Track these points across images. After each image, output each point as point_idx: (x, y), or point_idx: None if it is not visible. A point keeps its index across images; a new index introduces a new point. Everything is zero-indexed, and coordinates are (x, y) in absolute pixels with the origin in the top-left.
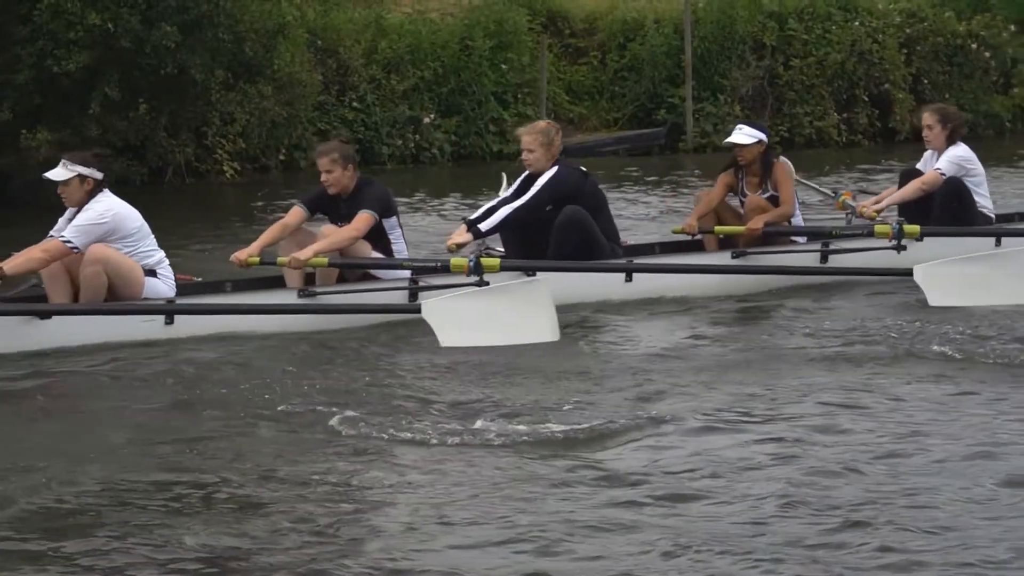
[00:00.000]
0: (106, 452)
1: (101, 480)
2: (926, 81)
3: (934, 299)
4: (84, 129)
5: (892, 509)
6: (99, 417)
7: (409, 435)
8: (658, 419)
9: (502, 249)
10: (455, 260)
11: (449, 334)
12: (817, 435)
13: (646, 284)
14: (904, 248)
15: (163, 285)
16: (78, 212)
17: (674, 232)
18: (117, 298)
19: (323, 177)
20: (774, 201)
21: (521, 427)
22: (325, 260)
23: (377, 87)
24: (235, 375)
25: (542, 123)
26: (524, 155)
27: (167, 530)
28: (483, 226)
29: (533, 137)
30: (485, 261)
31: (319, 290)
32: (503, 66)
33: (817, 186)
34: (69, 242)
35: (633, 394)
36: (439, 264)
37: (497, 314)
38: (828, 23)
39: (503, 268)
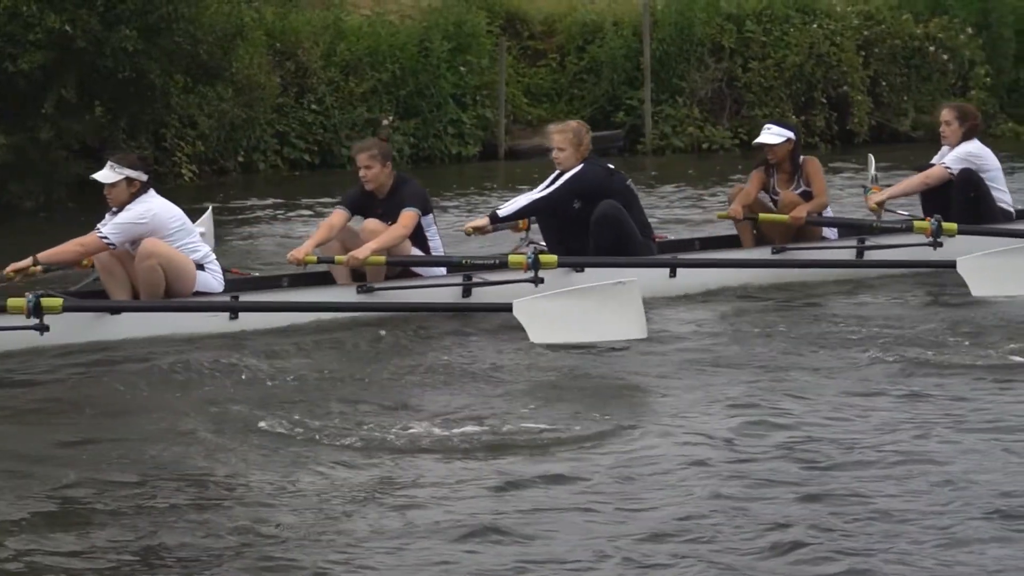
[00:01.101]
0: (165, 442)
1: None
2: (884, 83)
3: (977, 290)
4: (38, 130)
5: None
6: (162, 408)
7: (414, 440)
8: (627, 420)
9: (544, 244)
10: (513, 257)
11: (539, 332)
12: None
13: (688, 280)
14: (940, 245)
15: (212, 279)
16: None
17: (719, 217)
18: (170, 292)
19: (361, 173)
20: (806, 197)
21: (484, 428)
22: (383, 258)
23: (336, 89)
24: (296, 368)
25: (573, 123)
26: (554, 153)
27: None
28: (501, 212)
29: (564, 136)
30: (543, 258)
31: (377, 286)
32: (462, 68)
33: None
34: (105, 237)
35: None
36: (497, 261)
37: (587, 313)
38: (786, 25)
39: (560, 265)
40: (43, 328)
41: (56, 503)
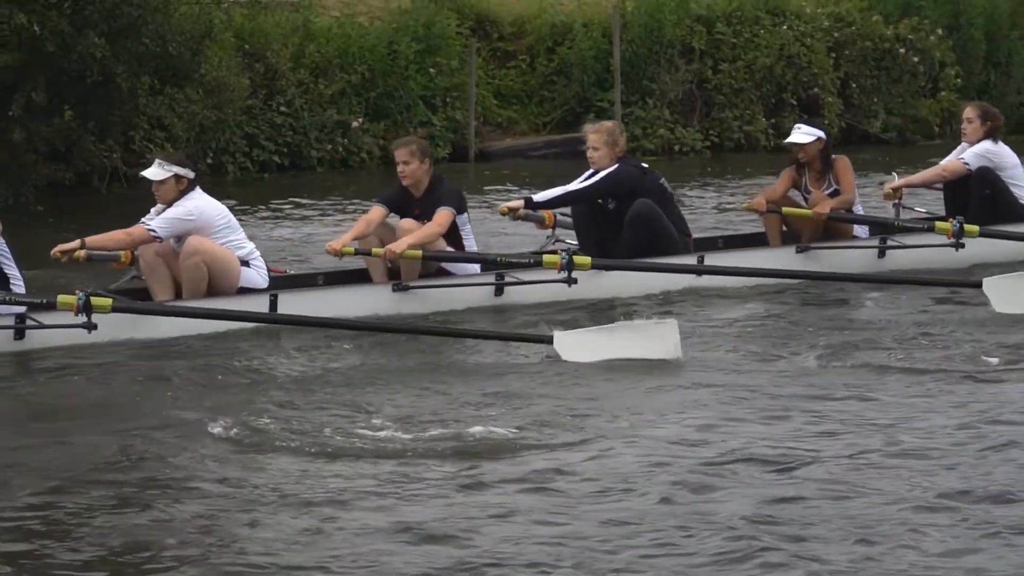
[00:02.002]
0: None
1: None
2: (854, 85)
3: (1000, 307)
4: (7, 132)
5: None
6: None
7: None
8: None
9: (574, 242)
10: (548, 257)
11: (576, 355)
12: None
13: (713, 278)
14: (963, 246)
15: (257, 276)
16: (167, 208)
17: (743, 208)
18: (215, 289)
19: (400, 168)
20: (837, 196)
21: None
22: (419, 252)
23: (305, 91)
24: (333, 364)
25: (608, 123)
26: (589, 152)
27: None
28: (537, 197)
29: (599, 136)
30: (577, 259)
31: (412, 284)
32: (431, 70)
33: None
34: (153, 230)
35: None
36: (531, 260)
37: (625, 344)
38: (756, 27)
39: (594, 267)
40: (91, 326)
41: (70, 502)
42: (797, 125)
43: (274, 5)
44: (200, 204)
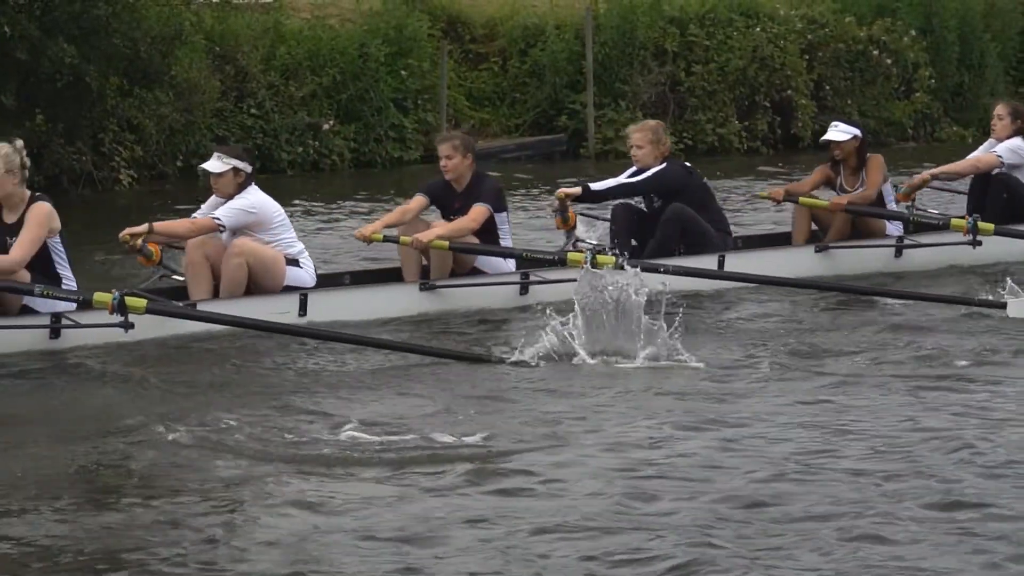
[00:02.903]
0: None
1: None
2: (828, 88)
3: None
4: None
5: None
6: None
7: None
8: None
9: (595, 242)
10: (572, 255)
11: None
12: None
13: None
14: (980, 244)
15: (305, 274)
16: (225, 202)
17: (757, 196)
18: (260, 287)
19: (442, 163)
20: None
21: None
22: (446, 244)
23: (276, 93)
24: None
25: (652, 122)
26: (633, 151)
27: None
28: (593, 185)
29: (643, 134)
30: (600, 258)
31: (439, 283)
32: (402, 72)
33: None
34: (218, 219)
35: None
36: (556, 257)
37: None
38: (730, 29)
39: (617, 267)
40: (128, 326)
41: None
42: (834, 123)
43: (244, 7)
44: (261, 199)
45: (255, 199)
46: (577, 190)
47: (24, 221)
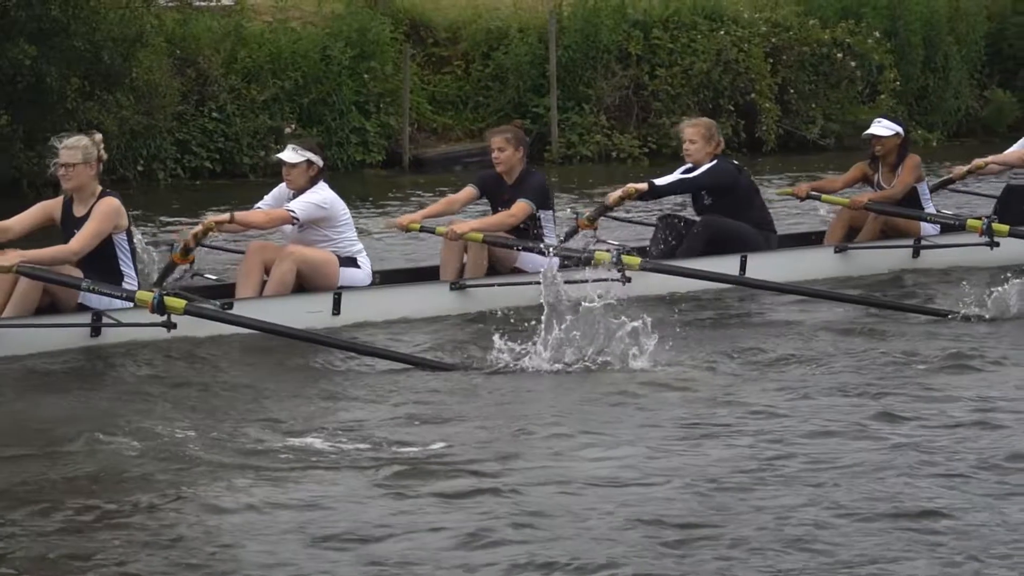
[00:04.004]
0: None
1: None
2: (792, 91)
3: None
4: None
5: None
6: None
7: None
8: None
9: (615, 243)
10: (599, 254)
11: None
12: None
13: (758, 273)
14: (997, 244)
15: (362, 274)
16: (296, 195)
17: (786, 192)
18: (314, 288)
19: (494, 155)
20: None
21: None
22: (480, 236)
23: (237, 97)
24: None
25: (705, 119)
26: (686, 146)
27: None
28: (658, 181)
29: (696, 130)
30: (626, 258)
31: (469, 283)
32: (365, 76)
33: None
34: (293, 212)
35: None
36: (584, 255)
37: None
38: (693, 32)
39: (642, 268)
40: (170, 325)
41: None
42: (878, 119)
43: (206, 10)
44: (332, 196)
45: (328, 195)
46: (644, 186)
47: (90, 215)
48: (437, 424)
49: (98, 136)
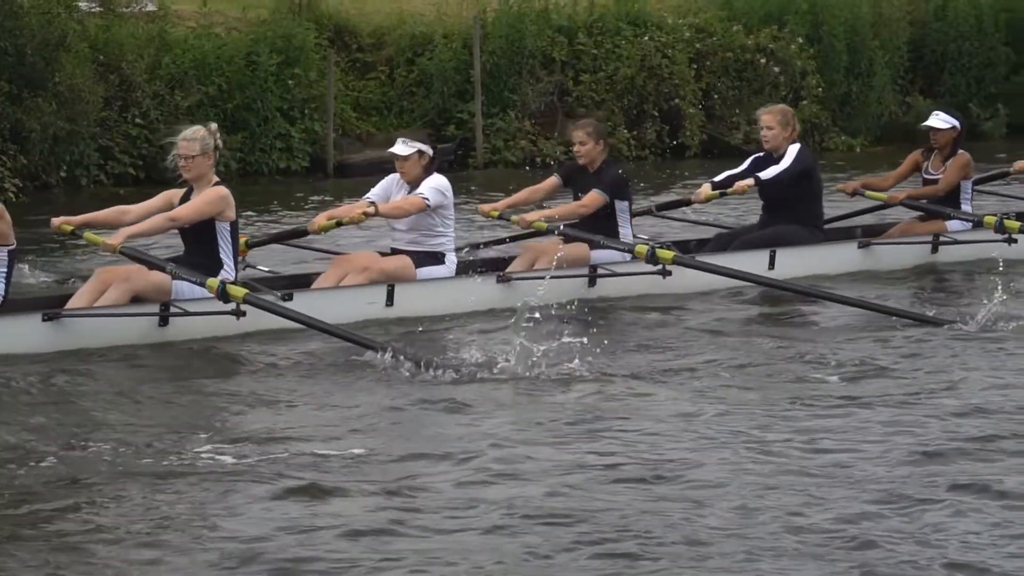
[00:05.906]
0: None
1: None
2: (716, 96)
3: None
4: None
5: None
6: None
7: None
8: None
9: (643, 236)
10: (638, 246)
11: None
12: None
13: (785, 271)
14: (1015, 241)
15: (445, 271)
16: (410, 187)
17: (836, 189)
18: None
19: (576, 148)
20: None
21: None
22: (544, 224)
23: (161, 103)
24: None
25: (781, 105)
26: (763, 132)
27: None
28: (763, 175)
29: (773, 116)
30: (660, 252)
31: (514, 275)
32: (289, 82)
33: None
34: (425, 197)
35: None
36: (626, 247)
37: None
38: (618, 38)
39: (675, 262)
40: (239, 313)
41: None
42: (935, 112)
43: (129, 15)
44: (448, 184)
45: (447, 183)
46: (750, 181)
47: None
48: (364, 431)
49: (214, 126)
